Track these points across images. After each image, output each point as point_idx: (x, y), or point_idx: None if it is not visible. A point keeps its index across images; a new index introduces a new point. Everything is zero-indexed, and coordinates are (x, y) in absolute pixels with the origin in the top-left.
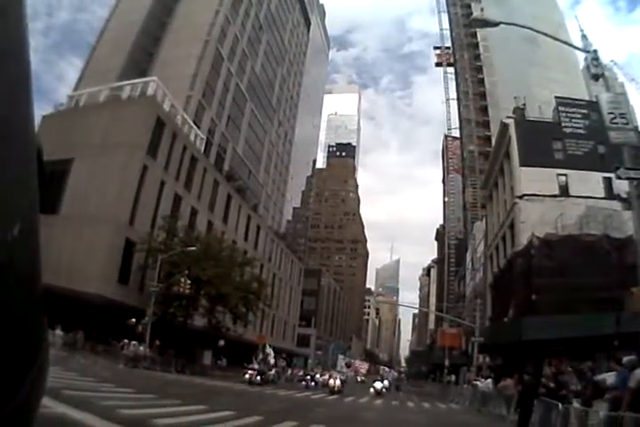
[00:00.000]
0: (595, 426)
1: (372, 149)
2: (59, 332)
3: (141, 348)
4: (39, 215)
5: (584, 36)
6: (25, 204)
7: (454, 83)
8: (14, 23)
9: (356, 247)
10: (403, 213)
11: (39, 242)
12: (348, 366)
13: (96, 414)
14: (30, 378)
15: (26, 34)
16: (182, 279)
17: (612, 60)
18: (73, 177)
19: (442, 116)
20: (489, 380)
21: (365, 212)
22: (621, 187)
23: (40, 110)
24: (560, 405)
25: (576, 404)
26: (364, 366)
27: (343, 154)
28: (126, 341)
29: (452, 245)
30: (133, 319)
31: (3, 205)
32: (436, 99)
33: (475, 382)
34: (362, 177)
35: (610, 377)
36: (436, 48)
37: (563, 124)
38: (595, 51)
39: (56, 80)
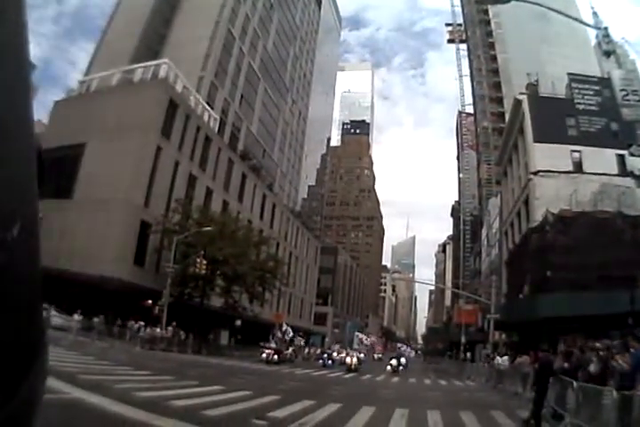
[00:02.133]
0: (609, 405)
1: (387, 126)
2: (77, 317)
3: (158, 330)
4: (39, 215)
5: (595, 13)
6: (25, 204)
7: (467, 59)
8: (14, 23)
9: (372, 224)
10: (418, 190)
11: (39, 242)
12: (362, 342)
13: (112, 398)
14: (30, 378)
15: (25, 33)
16: (198, 260)
17: (623, 38)
18: (86, 161)
19: (456, 93)
20: (505, 357)
21: (381, 189)
22: (635, 164)
23: (53, 96)
24: (575, 383)
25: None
26: (378, 344)
27: (357, 131)
28: (133, 322)
29: (467, 221)
30: (150, 301)
31: (3, 205)
32: (449, 76)
33: (495, 362)
34: (377, 154)
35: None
36: (447, 25)
37: (575, 101)
38: (605, 28)
39: (69, 66)
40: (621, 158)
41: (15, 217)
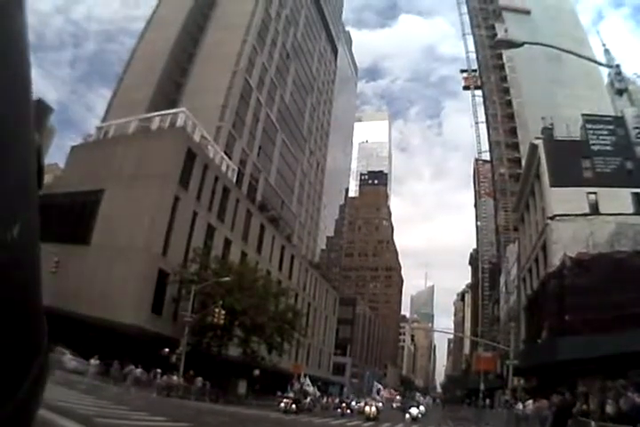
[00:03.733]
0: None
1: (406, 178)
2: (94, 361)
3: (174, 377)
4: (39, 215)
5: (607, 51)
6: (25, 204)
7: (483, 106)
8: (14, 23)
9: (391, 275)
10: (437, 239)
11: (39, 242)
12: (378, 393)
13: None
14: (30, 378)
15: (25, 34)
16: (216, 310)
17: (635, 73)
18: (104, 208)
19: (472, 141)
20: (529, 401)
21: (399, 239)
22: None
23: (70, 141)
24: (593, 423)
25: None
26: (394, 395)
27: (375, 182)
28: (133, 367)
29: (485, 269)
30: (167, 349)
31: (3, 205)
32: (466, 124)
33: (517, 406)
34: (396, 205)
35: None
36: (462, 71)
37: (590, 142)
38: (617, 65)
39: (86, 111)
40: (636, 197)
41: (15, 217)
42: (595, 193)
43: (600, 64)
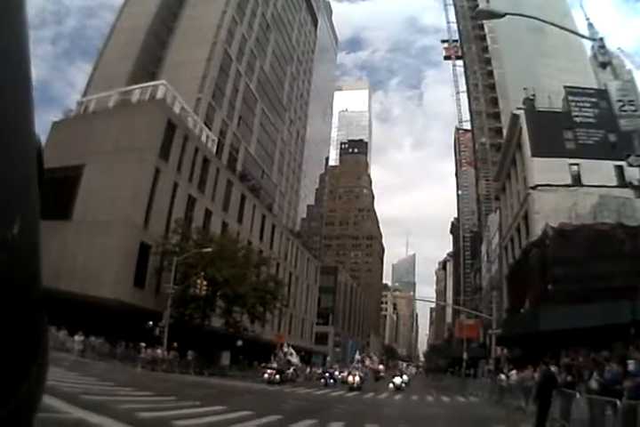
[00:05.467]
0: (610, 415)
1: (386, 148)
2: (78, 338)
3: (159, 350)
4: (39, 215)
5: (590, 25)
6: (25, 203)
7: (464, 76)
8: (14, 23)
9: (372, 243)
10: (418, 208)
11: (39, 241)
12: (362, 361)
13: (115, 418)
14: (30, 378)
15: (26, 33)
16: (198, 281)
17: (618, 48)
18: (85, 182)
19: (453, 111)
20: (513, 371)
21: (381, 208)
22: (633, 175)
23: (52, 116)
24: (578, 395)
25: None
26: (379, 363)
27: (355, 150)
28: (83, 336)
29: (466, 238)
30: (150, 322)
31: (3, 205)
32: (447, 94)
33: (500, 376)
34: (376, 174)
35: (631, 365)
36: (443, 41)
37: (573, 114)
38: (601, 39)
39: (67, 86)
40: (620, 169)
41: (15, 217)
42: (577, 164)
43: (583, 37)
